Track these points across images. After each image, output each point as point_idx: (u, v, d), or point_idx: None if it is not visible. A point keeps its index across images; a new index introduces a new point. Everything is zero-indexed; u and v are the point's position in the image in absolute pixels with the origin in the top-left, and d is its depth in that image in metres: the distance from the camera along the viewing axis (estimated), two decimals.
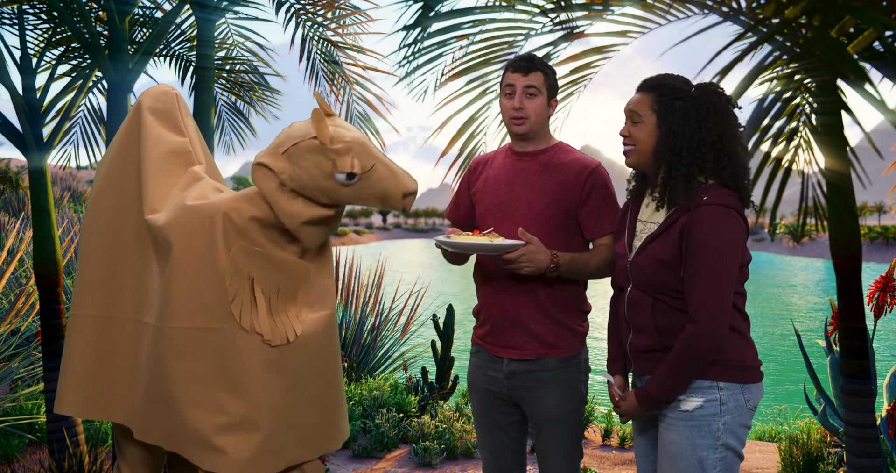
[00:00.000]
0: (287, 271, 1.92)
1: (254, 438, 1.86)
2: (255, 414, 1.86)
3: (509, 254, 2.00)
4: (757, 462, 3.96)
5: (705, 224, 1.73)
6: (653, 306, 1.83)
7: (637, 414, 1.87)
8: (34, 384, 4.30)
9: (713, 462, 1.78)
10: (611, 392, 1.98)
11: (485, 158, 2.34)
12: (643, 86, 1.88)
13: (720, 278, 1.72)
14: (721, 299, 1.72)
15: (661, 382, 1.78)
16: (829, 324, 3.65)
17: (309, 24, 4.12)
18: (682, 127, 1.78)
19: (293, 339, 1.90)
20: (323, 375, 2.00)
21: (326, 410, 2.01)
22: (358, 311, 5.93)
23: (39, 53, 3.49)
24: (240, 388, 1.85)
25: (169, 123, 2.11)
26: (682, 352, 1.74)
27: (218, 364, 1.86)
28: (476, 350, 2.28)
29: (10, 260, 4.96)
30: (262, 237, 1.89)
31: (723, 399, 1.78)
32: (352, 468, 3.80)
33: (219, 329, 1.86)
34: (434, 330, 5.03)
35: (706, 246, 1.72)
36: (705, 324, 1.71)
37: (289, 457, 1.93)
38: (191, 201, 1.91)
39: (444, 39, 2.74)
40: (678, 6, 2.44)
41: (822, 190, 2.69)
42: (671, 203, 1.80)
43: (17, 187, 19.18)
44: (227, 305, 1.86)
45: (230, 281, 1.86)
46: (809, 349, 4.24)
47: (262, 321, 1.87)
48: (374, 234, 79.57)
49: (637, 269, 1.86)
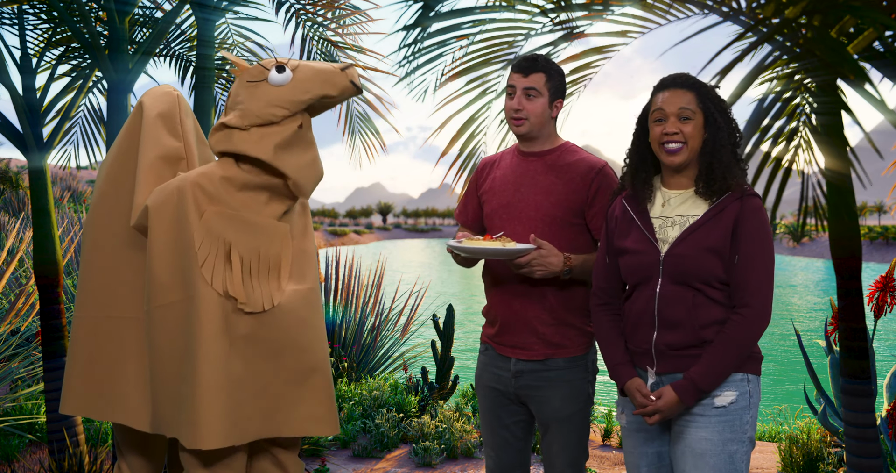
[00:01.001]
0: (265, 233, 1.90)
1: (218, 407, 1.80)
2: (219, 383, 1.81)
3: (521, 259, 2.00)
4: (757, 462, 3.96)
5: (756, 214, 1.80)
6: (693, 299, 1.80)
7: (674, 412, 1.81)
8: (34, 384, 4.30)
9: (741, 455, 1.80)
10: (639, 392, 1.85)
11: (493, 159, 2.33)
12: (680, 84, 1.86)
13: (770, 265, 1.80)
14: (771, 285, 1.80)
15: (709, 371, 1.77)
16: (829, 324, 3.65)
17: (309, 24, 4.12)
18: (725, 122, 1.85)
19: (269, 307, 1.87)
20: (307, 351, 1.95)
21: (312, 388, 1.97)
22: (358, 311, 5.92)
23: (39, 53, 3.49)
24: (199, 356, 1.80)
25: (168, 125, 2.11)
26: (736, 337, 1.76)
27: (182, 334, 1.84)
28: (484, 348, 2.29)
29: (10, 260, 4.96)
30: (237, 201, 1.87)
31: (751, 391, 1.83)
32: (352, 468, 3.80)
33: (190, 298, 1.84)
34: (434, 330, 5.03)
35: (759, 235, 1.79)
36: (760, 308, 1.76)
37: (262, 429, 1.90)
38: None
39: (444, 39, 2.74)
40: (678, 6, 2.44)
41: (822, 190, 2.69)
42: (721, 190, 1.83)
43: (17, 187, 19.18)
44: (198, 270, 1.83)
45: (199, 244, 1.84)
46: (809, 349, 4.24)
47: (235, 284, 1.84)
48: (374, 234, 79.59)
49: (675, 261, 1.82)
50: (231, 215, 1.86)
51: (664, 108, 1.85)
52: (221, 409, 1.82)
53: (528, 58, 2.15)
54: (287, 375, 1.93)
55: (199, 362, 1.80)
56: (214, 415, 1.80)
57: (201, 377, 1.80)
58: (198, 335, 1.81)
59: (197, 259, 1.84)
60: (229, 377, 1.84)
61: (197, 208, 1.85)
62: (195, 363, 1.80)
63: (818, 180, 2.73)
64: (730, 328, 1.77)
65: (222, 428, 1.81)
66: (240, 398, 1.86)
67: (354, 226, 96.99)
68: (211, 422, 1.79)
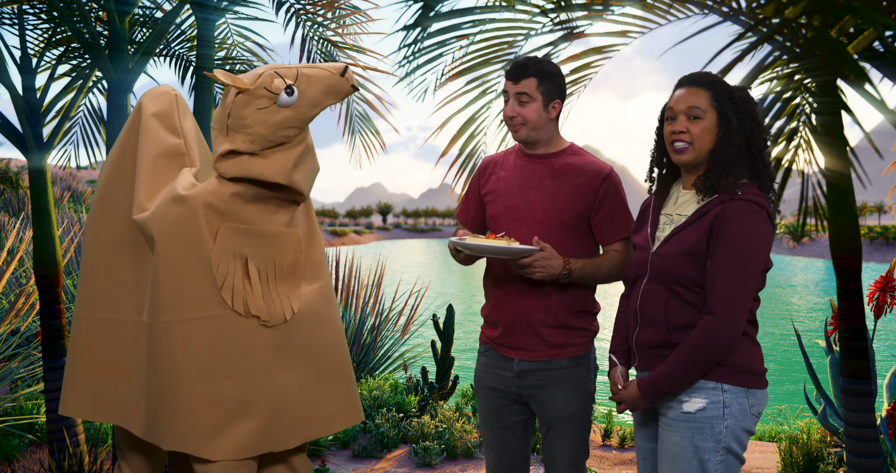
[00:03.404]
0: (280, 242, 1.90)
1: (258, 419, 1.86)
2: (258, 396, 1.85)
3: (523, 259, 2.01)
4: (757, 462, 3.96)
5: (738, 218, 1.73)
6: (666, 300, 1.81)
7: (636, 405, 1.85)
8: (34, 384, 4.30)
9: (714, 464, 1.77)
10: (612, 378, 1.96)
11: (495, 159, 2.32)
12: (696, 82, 1.84)
13: (744, 273, 1.71)
14: (742, 294, 1.71)
15: (669, 373, 1.77)
16: (829, 324, 3.65)
17: (309, 24, 4.12)
18: (739, 123, 1.79)
19: (290, 317, 1.89)
20: (332, 348, 1.99)
21: (343, 382, 2.02)
22: (358, 311, 5.93)
23: (39, 53, 3.49)
24: (240, 373, 1.84)
25: (166, 124, 2.12)
26: (696, 343, 1.73)
27: (213, 352, 1.84)
28: (485, 349, 2.28)
29: (10, 260, 4.96)
30: (247, 214, 1.86)
31: (726, 402, 1.77)
32: (352, 468, 3.80)
33: (211, 318, 1.84)
34: (434, 330, 5.03)
35: (736, 240, 1.72)
36: (724, 316, 1.70)
37: (303, 433, 1.94)
38: (180, 190, 1.90)
39: (444, 39, 2.74)
40: (678, 6, 2.44)
41: (822, 190, 2.69)
42: (711, 191, 1.80)
43: (17, 187, 19.18)
44: (217, 291, 1.84)
45: (217, 266, 1.84)
46: (809, 349, 4.24)
47: (256, 302, 1.86)
48: (374, 234, 79.62)
49: (658, 260, 1.84)
50: (244, 230, 1.86)
51: (674, 106, 1.84)
52: (245, 422, 1.86)
53: (518, 63, 2.12)
54: (319, 376, 1.96)
55: (214, 381, 1.84)
56: (232, 430, 1.85)
57: (217, 396, 1.84)
58: (242, 352, 1.85)
59: (214, 280, 1.84)
60: (260, 391, 1.87)
61: (210, 228, 1.85)
62: (211, 382, 1.84)
63: (818, 179, 2.73)
64: (693, 333, 1.74)
65: (246, 441, 1.86)
66: (280, 407, 1.89)
67: (354, 226, 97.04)
68: (226, 436, 1.85)
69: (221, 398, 1.84)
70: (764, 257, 1.74)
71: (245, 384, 1.85)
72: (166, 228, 1.87)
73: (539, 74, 2.10)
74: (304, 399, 1.93)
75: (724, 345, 1.72)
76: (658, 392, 1.80)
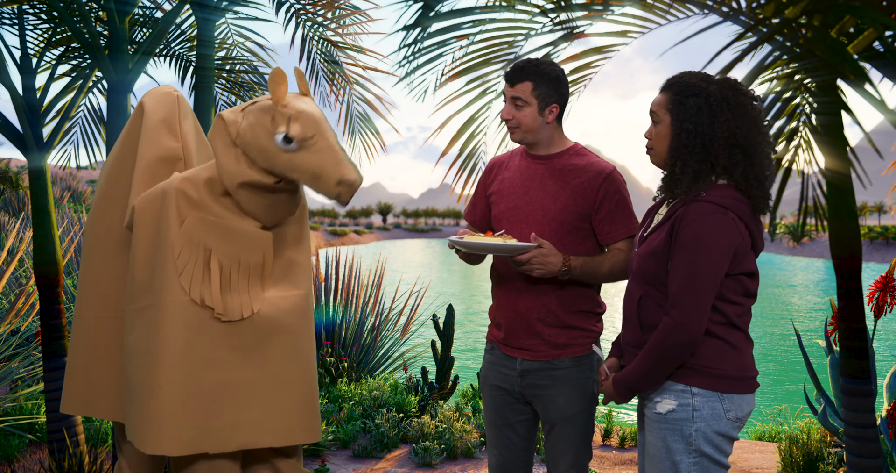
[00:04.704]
0: (247, 241, 1.87)
1: (195, 416, 1.79)
2: (197, 389, 1.80)
3: (521, 256, 2.01)
4: (757, 462, 3.96)
5: (694, 221, 1.71)
6: (640, 299, 1.85)
7: (613, 399, 1.90)
8: (34, 384, 4.30)
9: (687, 466, 1.77)
10: (599, 369, 2.02)
11: (501, 160, 2.33)
12: (663, 85, 1.85)
13: (697, 276, 1.70)
14: (697, 297, 1.70)
15: (635, 371, 1.80)
16: (829, 324, 3.65)
17: (309, 24, 4.12)
18: (694, 124, 1.74)
19: (247, 315, 1.85)
20: (294, 360, 1.92)
21: (298, 397, 1.92)
22: (358, 311, 5.92)
23: (39, 53, 3.49)
24: (184, 363, 1.79)
25: (166, 126, 2.11)
26: (654, 344, 1.75)
27: (159, 337, 1.81)
28: (490, 348, 2.30)
29: (10, 260, 4.96)
30: (219, 206, 1.85)
31: (696, 405, 1.76)
32: (352, 468, 3.80)
33: (155, 304, 1.82)
34: (434, 330, 5.03)
35: (690, 243, 1.71)
36: (678, 319, 1.71)
37: (243, 439, 1.86)
38: (162, 184, 1.90)
39: (444, 39, 2.74)
40: (678, 6, 2.44)
41: (822, 190, 2.69)
42: (673, 197, 1.82)
43: (17, 187, 19.19)
44: (174, 278, 1.81)
45: (179, 253, 1.82)
46: (809, 349, 4.24)
47: (213, 294, 1.83)
48: (374, 234, 79.62)
49: (637, 260, 1.89)
50: (212, 222, 1.85)
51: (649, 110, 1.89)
52: (181, 416, 1.79)
53: (514, 67, 2.12)
54: (269, 384, 1.89)
55: (159, 368, 1.78)
56: (168, 421, 1.78)
57: (159, 384, 1.78)
58: (161, 341, 1.80)
59: (174, 266, 1.82)
60: (203, 384, 1.81)
61: (179, 214, 1.84)
62: (155, 368, 1.79)
63: (818, 180, 2.73)
64: (654, 333, 1.76)
65: (182, 436, 1.78)
66: (218, 406, 1.83)
67: (354, 226, 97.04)
68: (162, 428, 1.78)
69: (160, 386, 1.78)
70: (720, 260, 1.70)
71: (186, 375, 1.79)
72: (142, 217, 1.88)
73: (535, 78, 2.09)
74: (247, 403, 1.86)
75: (682, 347, 1.72)
76: (626, 390, 1.83)
